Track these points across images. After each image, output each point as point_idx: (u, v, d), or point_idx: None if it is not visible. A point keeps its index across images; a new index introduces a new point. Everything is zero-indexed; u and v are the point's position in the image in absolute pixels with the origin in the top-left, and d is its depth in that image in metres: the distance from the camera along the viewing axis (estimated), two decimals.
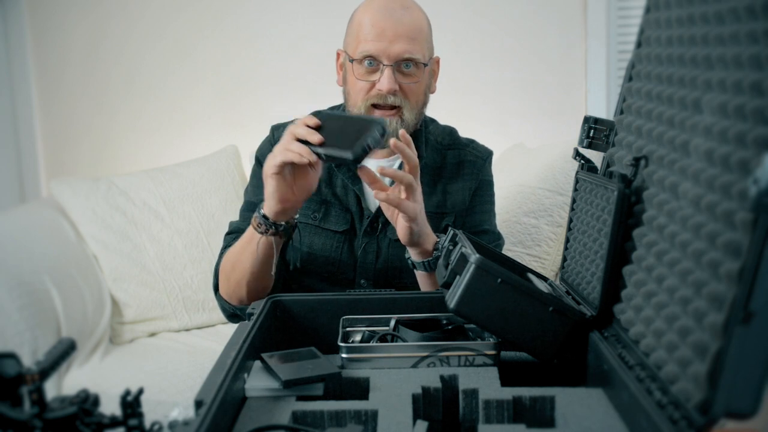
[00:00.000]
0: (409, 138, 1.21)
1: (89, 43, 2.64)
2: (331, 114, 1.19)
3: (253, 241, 1.27)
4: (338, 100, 1.51)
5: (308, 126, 1.17)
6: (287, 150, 1.16)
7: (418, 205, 1.21)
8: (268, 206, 1.22)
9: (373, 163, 1.46)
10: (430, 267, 1.29)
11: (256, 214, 1.25)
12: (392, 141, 1.17)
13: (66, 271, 1.90)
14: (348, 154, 1.09)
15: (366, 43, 1.35)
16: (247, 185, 1.52)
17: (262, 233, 1.25)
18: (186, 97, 2.65)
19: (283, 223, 1.24)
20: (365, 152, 1.09)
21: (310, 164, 1.16)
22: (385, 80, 1.35)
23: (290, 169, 1.19)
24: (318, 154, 1.15)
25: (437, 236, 1.31)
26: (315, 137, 1.14)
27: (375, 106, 1.38)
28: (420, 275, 1.33)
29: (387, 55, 1.34)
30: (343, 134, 1.13)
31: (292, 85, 2.61)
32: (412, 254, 1.30)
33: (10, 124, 2.64)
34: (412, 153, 1.19)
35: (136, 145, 2.68)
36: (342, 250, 1.42)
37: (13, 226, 1.94)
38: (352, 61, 1.38)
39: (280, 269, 1.41)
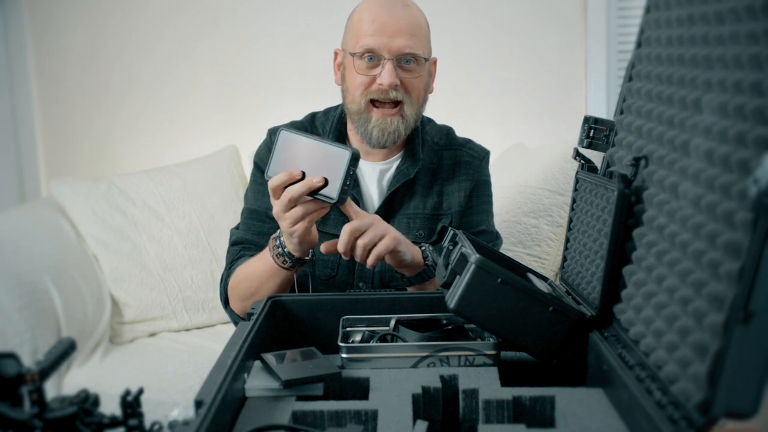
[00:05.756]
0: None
1: (89, 43, 2.64)
2: (295, 137, 1.13)
3: (278, 276, 1.26)
4: (338, 101, 1.51)
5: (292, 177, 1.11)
6: (295, 225, 1.14)
7: (390, 239, 1.19)
8: (296, 249, 1.21)
9: (369, 167, 1.47)
10: (426, 276, 1.29)
11: (281, 255, 1.23)
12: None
13: (66, 271, 1.90)
14: (331, 200, 1.10)
15: (367, 37, 1.35)
16: (247, 190, 1.51)
17: (288, 269, 1.25)
18: (186, 97, 2.65)
19: (310, 253, 1.24)
20: (346, 193, 1.10)
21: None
22: (386, 74, 1.35)
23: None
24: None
25: (420, 245, 1.30)
26: (313, 186, 1.10)
27: (373, 102, 1.38)
28: (412, 287, 1.32)
29: (388, 50, 1.35)
30: (318, 168, 1.10)
31: (292, 86, 2.61)
32: (405, 272, 1.29)
33: (10, 124, 2.64)
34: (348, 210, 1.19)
35: (136, 145, 2.68)
36: None
37: (13, 226, 1.94)
38: (353, 55, 1.38)
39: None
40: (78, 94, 2.67)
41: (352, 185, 1.10)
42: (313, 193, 1.10)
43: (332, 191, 1.09)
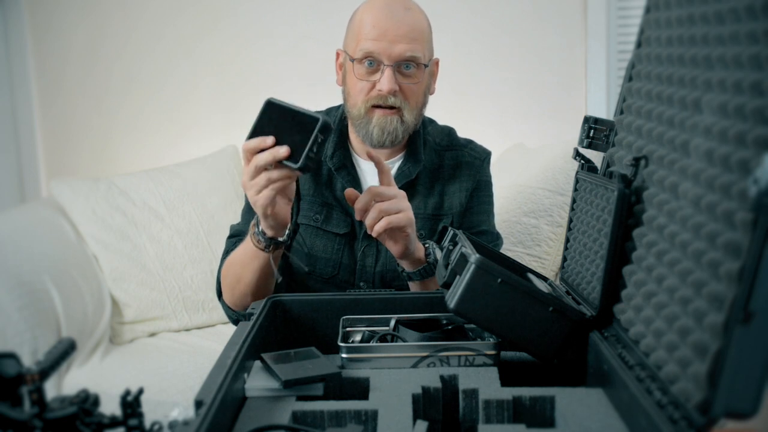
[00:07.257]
0: (380, 158, 1.26)
1: (89, 43, 2.64)
2: (279, 106, 1.12)
3: (257, 258, 1.25)
4: (338, 101, 1.51)
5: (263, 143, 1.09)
6: (259, 194, 1.11)
7: (405, 217, 1.21)
8: (267, 226, 1.20)
9: (371, 167, 1.46)
10: (426, 273, 1.29)
11: (256, 234, 1.22)
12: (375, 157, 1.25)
13: (66, 271, 1.90)
14: (294, 165, 1.07)
15: (367, 42, 1.34)
16: None
17: (263, 249, 1.23)
18: (186, 97, 2.65)
19: (286, 233, 1.23)
20: (312, 161, 1.07)
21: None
22: (385, 81, 1.34)
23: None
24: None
25: (424, 242, 1.31)
26: (278, 154, 1.07)
27: (375, 106, 1.38)
28: (414, 285, 1.33)
29: (388, 55, 1.34)
30: (290, 136, 1.08)
31: (292, 86, 2.61)
32: (405, 266, 1.30)
33: (10, 124, 2.64)
34: (387, 166, 1.27)
35: (136, 145, 2.68)
36: (343, 252, 1.42)
37: (13, 226, 1.94)
38: (352, 60, 1.37)
39: (283, 271, 1.40)
40: (78, 94, 2.67)
41: (321, 153, 1.08)
42: (280, 161, 1.08)
43: (297, 158, 1.06)
